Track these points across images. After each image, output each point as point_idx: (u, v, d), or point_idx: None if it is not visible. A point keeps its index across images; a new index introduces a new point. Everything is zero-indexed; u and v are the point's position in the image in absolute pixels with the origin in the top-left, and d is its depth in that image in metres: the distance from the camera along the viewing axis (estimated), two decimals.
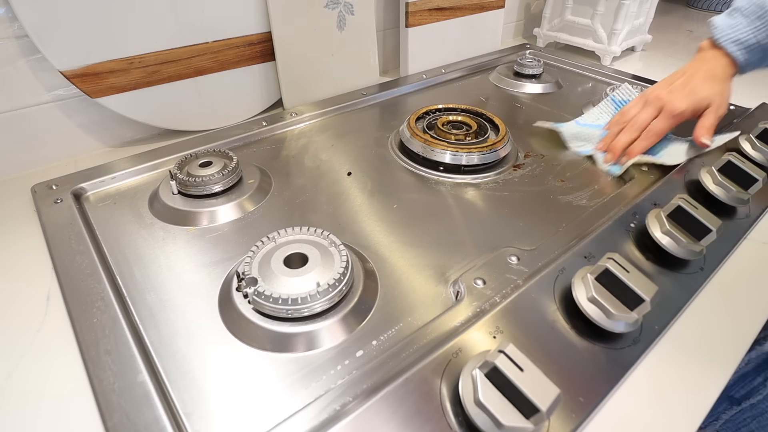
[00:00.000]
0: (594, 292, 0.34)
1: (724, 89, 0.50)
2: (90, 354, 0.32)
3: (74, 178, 0.51)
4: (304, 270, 0.36)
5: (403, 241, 0.45)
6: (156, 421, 0.28)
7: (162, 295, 0.38)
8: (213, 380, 0.32)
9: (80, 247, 0.41)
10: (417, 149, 0.56)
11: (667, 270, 0.42)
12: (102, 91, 0.55)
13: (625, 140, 0.52)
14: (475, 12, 0.88)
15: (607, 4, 0.90)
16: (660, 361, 0.36)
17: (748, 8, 0.49)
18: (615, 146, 0.53)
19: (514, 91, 0.80)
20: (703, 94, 0.50)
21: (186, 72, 0.60)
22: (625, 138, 0.52)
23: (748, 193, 0.48)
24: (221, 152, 0.53)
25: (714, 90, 0.50)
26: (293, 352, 0.34)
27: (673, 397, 0.33)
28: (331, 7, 0.68)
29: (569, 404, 0.31)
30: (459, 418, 0.29)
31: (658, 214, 0.43)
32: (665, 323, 0.38)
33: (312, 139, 0.62)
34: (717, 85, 0.50)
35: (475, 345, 0.33)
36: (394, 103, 0.74)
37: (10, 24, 0.49)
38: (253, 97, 0.68)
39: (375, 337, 0.35)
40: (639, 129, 0.52)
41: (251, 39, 0.64)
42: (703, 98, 0.49)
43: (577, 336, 0.35)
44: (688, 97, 0.50)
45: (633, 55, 1.01)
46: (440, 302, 0.38)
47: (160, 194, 0.49)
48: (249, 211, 0.48)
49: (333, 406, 0.29)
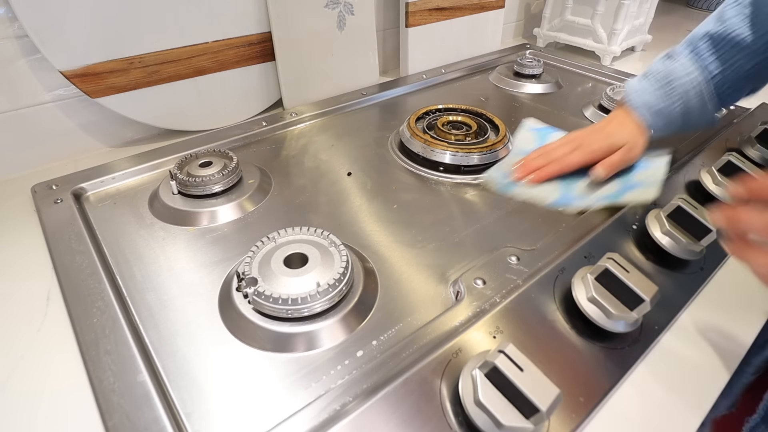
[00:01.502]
0: (594, 292, 0.34)
1: (639, 136, 0.52)
2: (90, 354, 0.32)
3: (74, 178, 0.51)
4: (304, 270, 0.36)
5: (403, 241, 0.45)
6: (156, 421, 0.28)
7: (162, 295, 0.38)
8: (213, 380, 0.32)
9: (80, 247, 0.41)
10: (417, 149, 0.56)
11: (667, 270, 0.42)
12: (102, 91, 0.55)
13: (537, 163, 0.53)
14: (475, 12, 0.88)
15: (607, 4, 0.90)
16: (660, 361, 0.36)
17: (656, 75, 0.51)
18: (527, 165, 0.54)
19: (514, 91, 0.80)
20: (615, 138, 0.52)
21: (186, 72, 0.60)
22: (539, 162, 0.53)
23: None
24: (221, 152, 0.53)
25: (628, 134, 0.52)
26: (293, 352, 0.34)
27: (673, 397, 0.33)
28: (331, 7, 0.68)
29: (569, 404, 0.31)
30: (459, 418, 0.29)
31: (658, 214, 0.43)
32: (665, 323, 0.38)
33: (312, 139, 0.62)
34: (632, 130, 0.52)
35: (475, 345, 0.33)
36: (394, 103, 0.74)
37: (10, 24, 0.49)
38: (253, 97, 0.68)
39: (375, 337, 0.35)
40: (553, 159, 0.53)
41: (251, 39, 0.64)
42: (615, 140, 0.52)
43: (577, 336, 0.35)
44: (602, 139, 0.52)
45: (633, 55, 1.01)
46: (440, 302, 0.38)
47: (160, 194, 0.49)
48: (249, 211, 0.48)
49: (333, 406, 0.29)
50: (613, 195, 0.50)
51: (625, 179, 0.52)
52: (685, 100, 0.50)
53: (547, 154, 0.54)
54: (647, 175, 0.52)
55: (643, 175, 0.53)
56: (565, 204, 0.50)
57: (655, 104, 0.51)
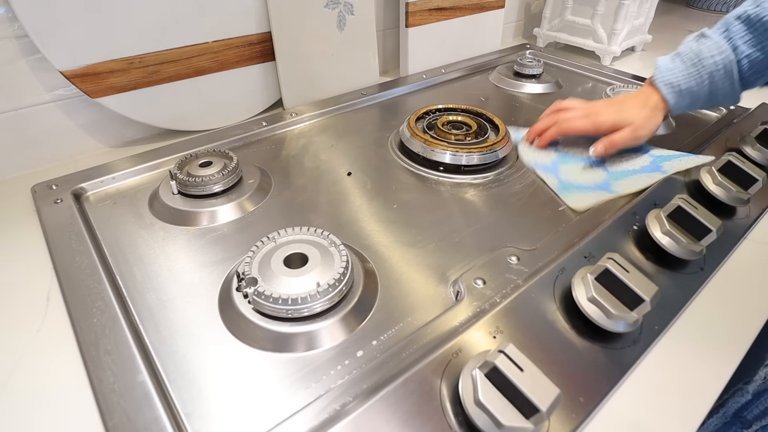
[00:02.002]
0: (594, 292, 0.34)
1: (651, 117, 0.52)
2: (90, 354, 0.32)
3: (74, 178, 0.51)
4: (304, 270, 0.36)
5: (403, 241, 0.45)
6: (156, 421, 0.28)
7: (162, 295, 0.38)
8: (213, 380, 0.32)
9: (80, 247, 0.41)
10: (417, 149, 0.56)
11: (667, 270, 0.42)
12: (102, 91, 0.55)
13: (541, 126, 0.56)
14: (475, 12, 0.88)
15: (607, 4, 0.90)
16: (660, 361, 0.36)
17: (687, 54, 0.51)
18: (533, 129, 0.58)
19: (514, 91, 0.80)
20: (627, 114, 0.52)
21: (186, 72, 0.60)
22: (542, 124, 0.56)
23: (748, 193, 0.48)
24: (221, 152, 0.53)
25: (639, 114, 0.52)
26: (293, 352, 0.34)
27: (673, 397, 0.33)
28: (331, 7, 0.68)
29: (569, 404, 0.31)
30: (459, 418, 0.29)
31: (658, 214, 0.43)
32: (665, 323, 0.38)
33: (312, 139, 0.62)
34: (645, 111, 0.52)
35: (475, 345, 0.33)
36: (394, 103, 0.74)
37: (10, 24, 0.49)
38: (253, 97, 0.68)
39: (375, 337, 0.35)
40: (559, 120, 0.55)
41: (251, 39, 0.64)
42: (626, 117, 0.52)
43: (577, 336, 0.35)
44: (614, 113, 0.53)
45: (633, 55, 1.01)
46: (440, 302, 0.38)
47: (160, 194, 0.49)
48: (249, 211, 0.48)
49: (333, 406, 0.29)
50: (621, 173, 0.51)
51: (633, 161, 0.53)
52: (712, 80, 0.49)
53: (555, 115, 0.55)
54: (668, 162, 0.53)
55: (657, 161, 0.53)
56: (571, 191, 0.51)
57: (683, 83, 0.51)
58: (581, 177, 0.53)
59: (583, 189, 0.51)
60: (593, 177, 0.53)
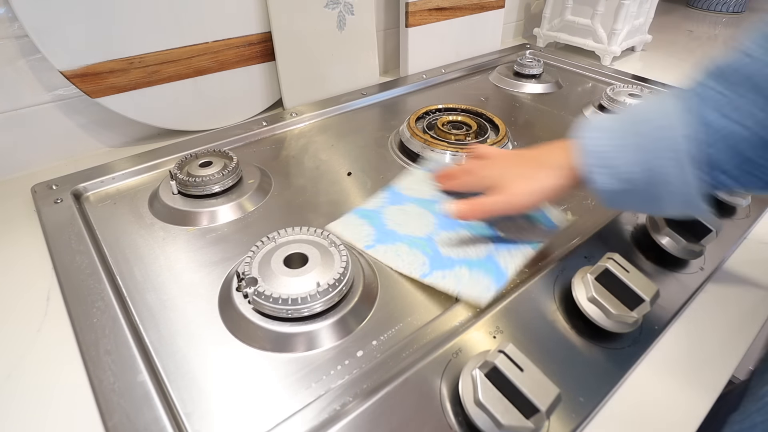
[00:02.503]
0: (594, 292, 0.34)
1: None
2: (90, 354, 0.32)
3: (74, 178, 0.51)
4: (304, 270, 0.36)
5: None
6: (156, 421, 0.28)
7: (162, 295, 0.38)
8: (213, 380, 0.32)
9: (80, 247, 0.41)
10: (417, 149, 0.56)
11: (667, 270, 0.42)
12: (102, 91, 0.55)
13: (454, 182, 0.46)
14: (475, 12, 0.88)
15: (607, 4, 0.90)
16: (660, 361, 0.36)
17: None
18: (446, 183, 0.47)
19: (514, 91, 0.80)
20: (504, 176, 0.40)
21: (186, 72, 0.60)
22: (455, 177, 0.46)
23: None
24: (221, 152, 0.53)
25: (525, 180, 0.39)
26: (293, 352, 0.34)
27: (673, 397, 0.33)
28: (331, 7, 0.68)
29: (569, 404, 0.31)
30: (459, 418, 0.29)
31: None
32: (665, 323, 0.38)
33: (312, 139, 0.62)
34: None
35: (475, 345, 0.33)
36: (394, 103, 0.74)
37: (10, 24, 0.49)
38: (253, 97, 0.68)
39: (375, 337, 0.35)
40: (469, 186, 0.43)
41: (251, 39, 0.64)
42: (502, 179, 0.40)
43: (577, 336, 0.35)
44: (499, 170, 0.41)
45: (633, 55, 1.01)
46: (440, 302, 0.38)
47: (160, 194, 0.49)
48: (249, 211, 0.48)
49: (333, 406, 0.29)
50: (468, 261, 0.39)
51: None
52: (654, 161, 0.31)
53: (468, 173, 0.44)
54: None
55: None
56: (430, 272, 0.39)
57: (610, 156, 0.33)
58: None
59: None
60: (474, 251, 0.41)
